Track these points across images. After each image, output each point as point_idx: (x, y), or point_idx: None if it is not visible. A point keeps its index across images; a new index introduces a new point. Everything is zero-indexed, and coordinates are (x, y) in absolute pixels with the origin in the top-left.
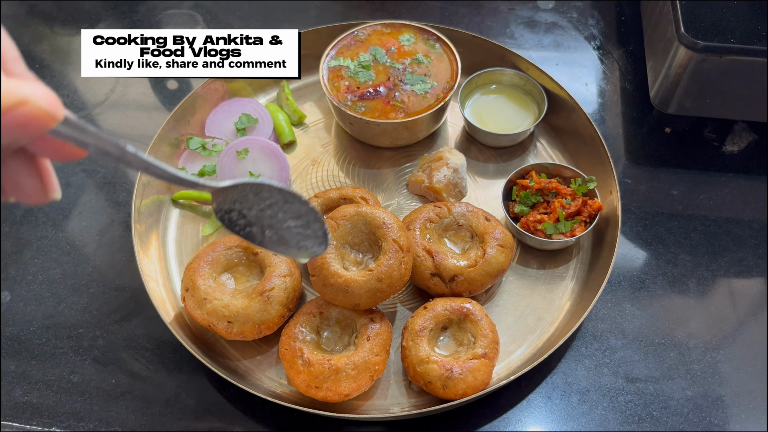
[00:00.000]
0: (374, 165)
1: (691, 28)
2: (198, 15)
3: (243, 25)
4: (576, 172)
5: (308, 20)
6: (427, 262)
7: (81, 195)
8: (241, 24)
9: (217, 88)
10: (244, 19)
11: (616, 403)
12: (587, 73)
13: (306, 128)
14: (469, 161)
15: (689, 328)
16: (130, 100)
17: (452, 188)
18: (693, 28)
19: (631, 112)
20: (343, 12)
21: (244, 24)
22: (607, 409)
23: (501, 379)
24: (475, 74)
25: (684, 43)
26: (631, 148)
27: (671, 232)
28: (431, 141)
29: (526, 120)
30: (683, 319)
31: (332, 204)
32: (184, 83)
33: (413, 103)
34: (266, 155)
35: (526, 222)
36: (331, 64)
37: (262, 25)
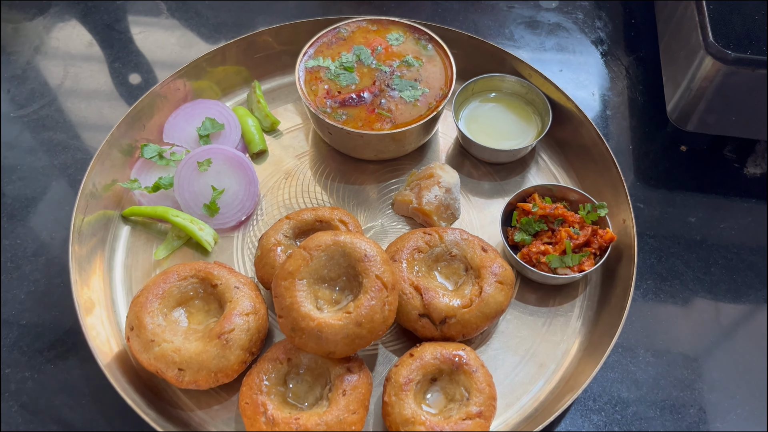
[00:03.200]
0: (356, 179)
1: (721, 36)
2: (162, 4)
3: (213, 15)
4: (584, 196)
5: (286, 12)
6: (414, 300)
7: (15, 207)
8: (211, 15)
9: (179, 88)
10: (214, 9)
11: None
12: (594, 80)
13: (279, 135)
14: (463, 178)
15: (712, 379)
16: (89, 89)
17: (444, 210)
18: (723, 36)
19: (642, 127)
20: (324, 5)
21: (214, 15)
22: None
23: None
24: (471, 80)
25: (712, 53)
26: (643, 167)
27: (689, 266)
28: (420, 154)
29: (528, 133)
30: (705, 369)
31: (306, 227)
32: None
33: (401, 112)
34: (232, 167)
35: (528, 253)
36: (309, 64)
37: (235, 17)
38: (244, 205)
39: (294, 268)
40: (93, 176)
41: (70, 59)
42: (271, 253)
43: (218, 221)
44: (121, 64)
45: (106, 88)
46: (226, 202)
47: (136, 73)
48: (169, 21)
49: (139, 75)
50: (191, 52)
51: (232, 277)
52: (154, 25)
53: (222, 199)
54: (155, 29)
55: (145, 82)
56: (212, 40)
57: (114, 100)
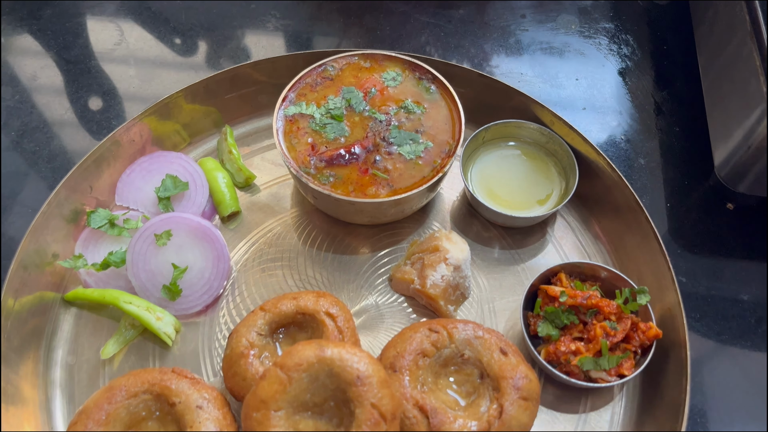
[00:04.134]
0: (347, 247)
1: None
2: (121, 25)
3: (181, 42)
4: (620, 276)
5: (263, 36)
6: (420, 426)
7: None
8: (177, 41)
9: (134, 140)
10: (180, 33)
11: None
12: (623, 121)
13: (256, 192)
14: (471, 244)
15: None
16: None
17: (452, 292)
18: None
19: (680, 178)
20: (307, 26)
21: (182, 40)
22: None
23: None
24: (482, 128)
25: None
26: (683, 229)
27: (737, 362)
28: (422, 214)
29: (549, 191)
30: None
31: (285, 321)
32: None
33: (400, 173)
34: (197, 239)
35: (555, 351)
36: (289, 111)
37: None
38: (211, 285)
39: (268, 395)
40: (27, 249)
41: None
42: (241, 360)
43: (181, 306)
44: (73, 100)
45: (62, 124)
46: (190, 283)
47: (93, 109)
48: (126, 48)
49: (94, 114)
50: (152, 86)
51: (194, 392)
52: (111, 54)
53: (185, 279)
54: (112, 59)
55: (105, 111)
56: (178, 74)
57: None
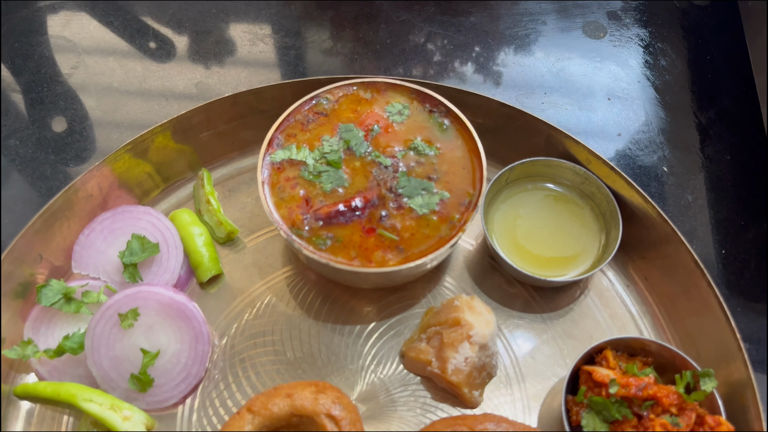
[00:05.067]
0: (350, 312)
1: None
2: (75, 45)
3: (141, 68)
4: (680, 356)
5: (245, 58)
6: None
7: None
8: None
9: (92, 194)
10: (139, 59)
11: None
12: (664, 149)
13: (239, 248)
14: (496, 308)
15: None
16: None
17: (477, 375)
18: None
19: (735, 219)
20: (294, 39)
21: (141, 67)
22: None
23: None
24: (506, 168)
25: None
26: (743, 282)
27: None
28: (437, 272)
29: (586, 242)
30: None
31: (278, 423)
32: (69, 137)
33: (412, 232)
34: (169, 317)
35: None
36: (276, 157)
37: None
38: (189, 372)
39: None
40: None
41: None
42: None
43: (154, 398)
44: (23, 139)
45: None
46: (164, 369)
47: (45, 152)
48: (84, 72)
49: (47, 156)
50: (117, 116)
51: None
52: (66, 76)
53: (158, 366)
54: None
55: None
56: (147, 103)
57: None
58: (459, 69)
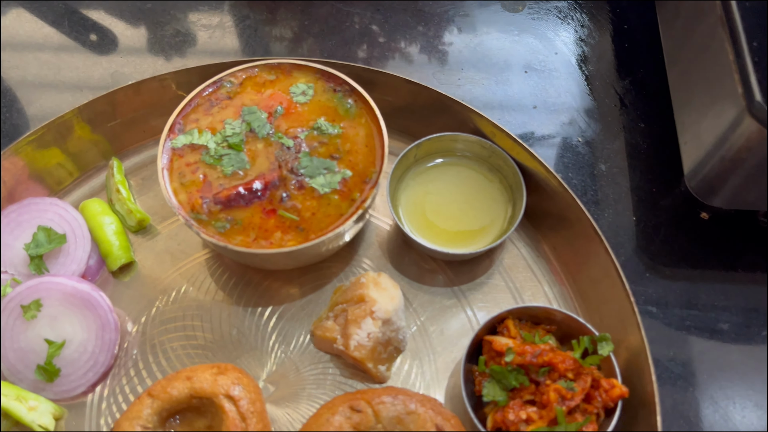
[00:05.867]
0: (263, 293)
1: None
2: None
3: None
4: (576, 320)
5: (166, 46)
6: None
7: None
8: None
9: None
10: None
11: None
12: (580, 119)
13: (152, 235)
14: (408, 283)
15: None
16: None
17: (382, 350)
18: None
19: (647, 185)
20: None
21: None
22: None
23: None
24: (412, 145)
25: (757, 117)
26: (653, 247)
27: (733, 400)
28: (350, 250)
29: (494, 214)
30: None
31: (178, 407)
32: None
33: (314, 211)
34: (73, 307)
35: (503, 420)
36: (177, 142)
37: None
38: (96, 360)
39: None
40: None
41: None
42: None
43: (61, 388)
44: None
45: None
46: (70, 359)
47: None
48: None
49: None
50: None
51: None
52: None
53: (64, 355)
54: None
55: None
56: (60, 95)
57: None
58: (374, 47)
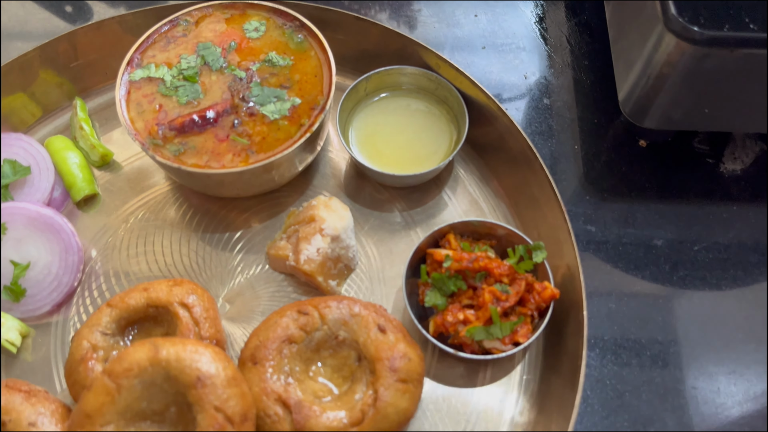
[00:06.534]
0: (220, 222)
1: (686, 9)
2: None
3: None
4: (515, 232)
5: None
6: (283, 423)
7: None
8: None
9: None
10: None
11: None
12: (527, 59)
13: (115, 169)
14: (361, 209)
15: None
16: None
17: (332, 266)
18: (690, 8)
19: (590, 117)
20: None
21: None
22: None
23: None
24: (362, 78)
25: (674, 31)
26: (594, 173)
27: (660, 310)
28: (304, 180)
29: (441, 143)
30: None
31: (135, 316)
32: None
33: (264, 136)
34: (38, 230)
35: (443, 323)
36: (135, 75)
37: None
38: (60, 281)
39: (93, 408)
40: None
41: None
42: (81, 365)
43: (27, 307)
44: None
45: None
46: (35, 280)
47: None
48: None
49: None
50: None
51: (28, 406)
52: None
53: (29, 277)
54: None
55: None
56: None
57: None
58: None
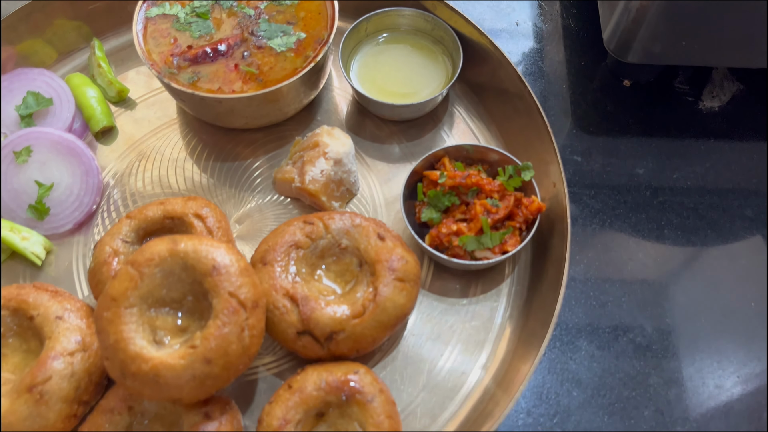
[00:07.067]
0: (231, 153)
1: None
2: None
3: None
4: (505, 155)
5: None
6: (291, 315)
7: None
8: None
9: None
10: None
11: None
12: (518, 6)
13: (131, 106)
14: (363, 143)
15: (670, 369)
16: None
17: (335, 188)
18: None
19: (578, 60)
20: None
21: None
22: None
23: None
24: (362, 18)
25: None
26: (581, 110)
27: (638, 230)
28: (308, 115)
29: (437, 80)
30: (660, 356)
31: (153, 227)
32: None
33: (271, 66)
34: (60, 154)
35: (438, 235)
36: (151, 12)
37: None
38: (81, 201)
39: (118, 292)
40: None
41: None
42: (104, 267)
43: (50, 225)
44: None
45: None
46: (58, 200)
47: None
48: None
49: None
50: None
51: (55, 303)
52: None
53: (52, 197)
54: None
55: None
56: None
57: None
58: None
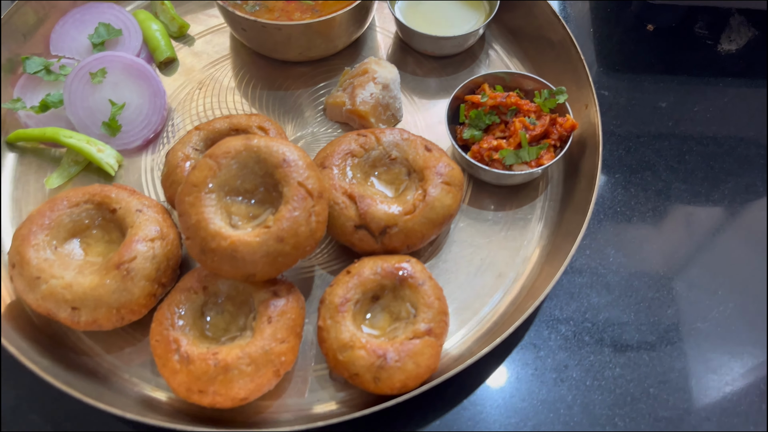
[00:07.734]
0: (282, 85)
1: None
2: None
3: None
4: (541, 82)
5: None
6: (349, 210)
7: None
8: None
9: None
10: None
11: (603, 380)
12: None
13: (190, 41)
14: (405, 76)
15: (690, 276)
16: None
17: (382, 111)
18: None
19: (603, 6)
20: None
21: None
22: (591, 388)
23: (452, 361)
24: None
25: None
26: (606, 51)
27: (661, 155)
28: (354, 51)
29: (475, 19)
30: (682, 265)
31: (219, 137)
32: None
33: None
34: (132, 77)
35: (479, 150)
36: None
37: None
38: (150, 120)
39: (199, 180)
40: None
41: None
42: (177, 169)
43: (121, 141)
44: None
45: None
46: (129, 119)
47: None
48: None
49: None
50: None
51: (134, 199)
52: None
53: (124, 116)
54: None
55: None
56: None
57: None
58: None
